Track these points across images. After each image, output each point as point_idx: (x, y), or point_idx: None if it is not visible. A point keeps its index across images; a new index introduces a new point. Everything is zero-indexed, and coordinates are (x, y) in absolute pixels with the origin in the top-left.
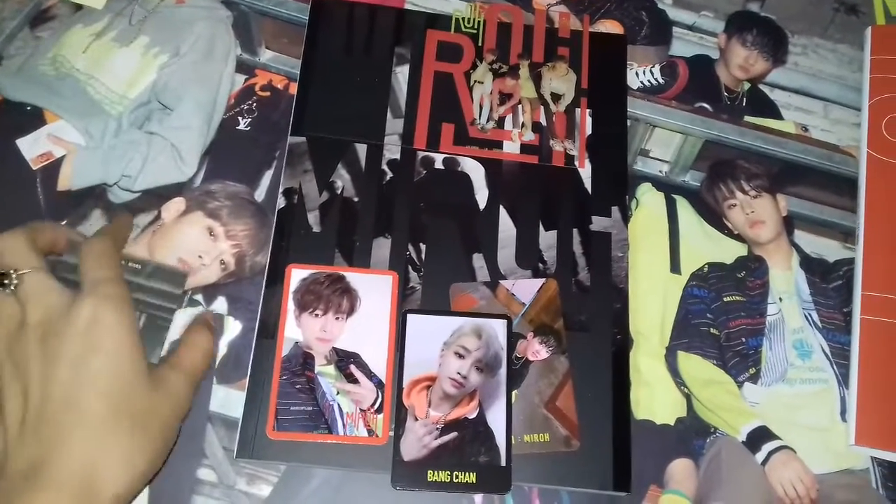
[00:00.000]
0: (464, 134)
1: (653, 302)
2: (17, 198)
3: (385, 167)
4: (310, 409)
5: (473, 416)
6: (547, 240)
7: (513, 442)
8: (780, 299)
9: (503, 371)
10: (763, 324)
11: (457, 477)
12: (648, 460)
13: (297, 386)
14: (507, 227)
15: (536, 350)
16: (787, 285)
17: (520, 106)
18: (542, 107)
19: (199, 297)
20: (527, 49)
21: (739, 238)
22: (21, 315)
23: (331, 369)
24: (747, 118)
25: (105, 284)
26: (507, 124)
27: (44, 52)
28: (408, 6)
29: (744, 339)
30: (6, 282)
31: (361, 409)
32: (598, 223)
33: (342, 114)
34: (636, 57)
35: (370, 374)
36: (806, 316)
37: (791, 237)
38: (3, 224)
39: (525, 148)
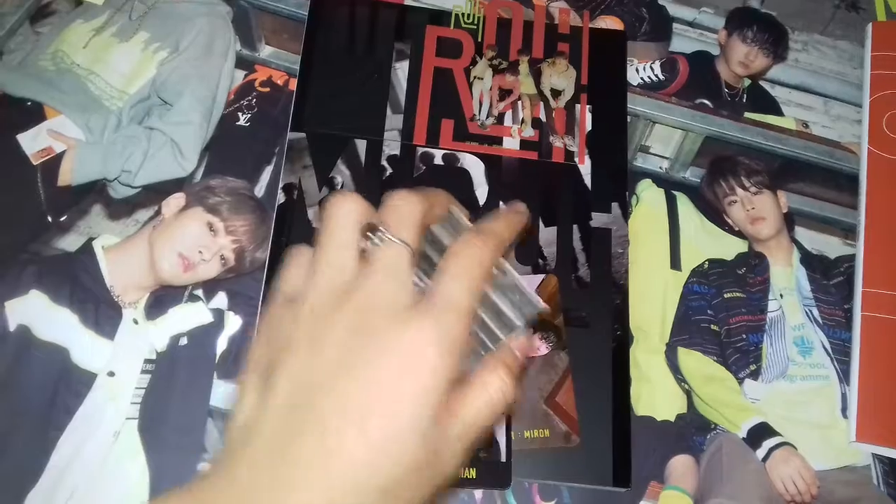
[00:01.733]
0: (463, 130)
1: (653, 298)
2: (18, 193)
3: (385, 163)
4: None
5: None
6: (547, 236)
7: (513, 437)
8: (781, 296)
9: None
10: (764, 320)
11: None
12: (649, 456)
13: None
14: None
15: (536, 346)
16: (787, 282)
17: (519, 102)
18: (541, 103)
19: (199, 292)
20: (526, 45)
21: (740, 234)
22: (353, 279)
23: None
24: (748, 114)
25: (456, 315)
26: (507, 120)
27: (44, 47)
28: (408, 2)
29: (744, 336)
30: (372, 234)
31: None
32: (598, 219)
33: (342, 109)
34: (636, 53)
35: None
36: (807, 312)
37: (792, 234)
38: (3, 221)
39: (525, 144)
